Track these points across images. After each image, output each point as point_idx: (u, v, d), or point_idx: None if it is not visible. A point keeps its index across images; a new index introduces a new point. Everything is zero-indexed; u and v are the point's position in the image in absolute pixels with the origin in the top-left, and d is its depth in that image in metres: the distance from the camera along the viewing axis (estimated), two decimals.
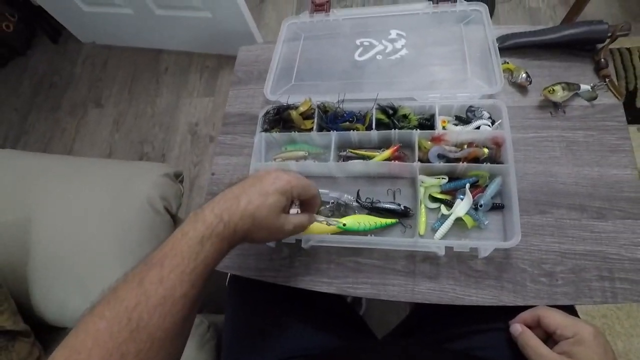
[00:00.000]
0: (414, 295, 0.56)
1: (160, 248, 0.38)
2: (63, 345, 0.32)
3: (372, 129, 0.61)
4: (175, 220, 0.82)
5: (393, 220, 0.58)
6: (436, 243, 0.54)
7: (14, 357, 0.65)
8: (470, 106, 0.62)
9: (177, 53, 1.92)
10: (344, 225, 0.56)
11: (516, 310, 0.52)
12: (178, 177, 0.85)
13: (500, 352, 0.53)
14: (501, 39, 0.68)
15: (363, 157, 0.62)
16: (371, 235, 0.58)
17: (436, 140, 0.60)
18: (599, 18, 0.64)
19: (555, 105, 0.63)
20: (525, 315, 0.50)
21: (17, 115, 1.97)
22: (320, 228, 0.58)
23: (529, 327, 0.49)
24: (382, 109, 0.63)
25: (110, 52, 2.04)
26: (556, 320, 0.46)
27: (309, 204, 0.51)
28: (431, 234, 0.57)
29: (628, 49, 1.45)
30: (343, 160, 0.63)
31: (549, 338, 0.48)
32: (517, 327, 0.49)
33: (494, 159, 0.59)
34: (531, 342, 0.47)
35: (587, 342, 0.41)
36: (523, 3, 1.66)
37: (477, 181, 0.59)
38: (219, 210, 0.41)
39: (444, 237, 0.56)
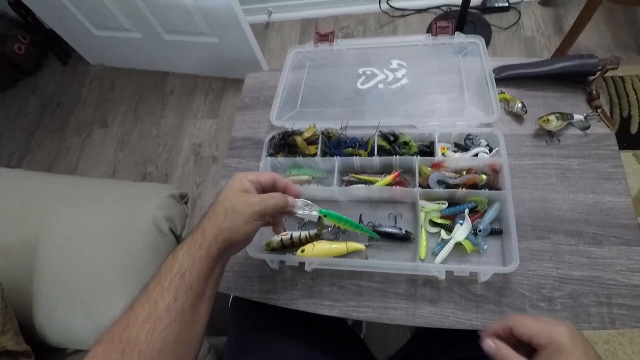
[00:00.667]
0: (415, 319, 0.56)
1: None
2: None
3: (374, 155, 0.64)
4: (178, 241, 0.83)
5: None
6: (437, 267, 0.56)
7: None
8: (469, 134, 0.64)
9: (183, 76, 1.98)
10: (325, 216, 0.54)
11: None
12: (183, 198, 0.87)
13: None
14: (497, 70, 0.71)
15: (365, 182, 0.64)
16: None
17: (436, 166, 0.62)
18: (592, 48, 0.68)
19: (550, 134, 0.65)
20: (495, 327, 0.45)
21: (24, 134, 2.00)
22: (324, 251, 0.60)
23: (504, 339, 0.44)
24: (384, 136, 0.65)
25: (117, 73, 2.10)
26: (529, 328, 0.41)
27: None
28: (432, 258, 0.59)
29: (621, 77, 1.50)
30: (346, 185, 0.65)
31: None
32: (490, 344, 0.43)
33: (492, 185, 0.61)
34: (513, 358, 0.42)
35: (565, 349, 0.38)
36: (518, 32, 1.73)
37: (476, 206, 0.60)
38: (195, 226, 0.44)
39: (444, 261, 0.58)
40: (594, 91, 0.66)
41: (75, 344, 0.75)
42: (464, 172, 0.62)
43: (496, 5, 1.78)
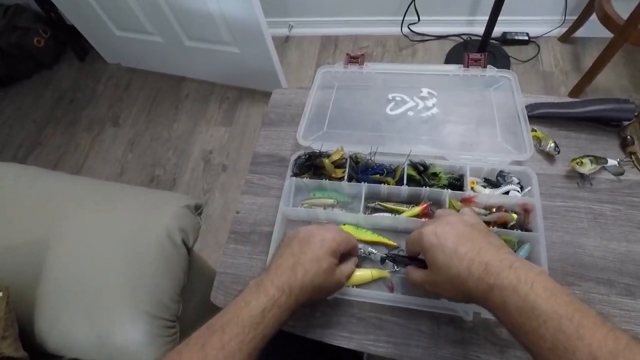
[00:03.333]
0: (436, 359, 0.54)
1: (222, 314, 0.41)
2: None
3: (402, 183, 0.62)
4: (190, 254, 0.81)
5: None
6: (463, 307, 0.53)
7: None
8: (501, 171, 0.63)
9: (200, 82, 1.98)
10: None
11: None
12: (198, 209, 0.85)
13: None
14: (530, 107, 0.71)
15: (392, 211, 0.62)
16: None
17: (466, 201, 0.60)
18: (609, 88, 0.68)
19: (582, 177, 0.64)
20: (405, 250, 0.51)
21: (35, 127, 1.99)
22: (352, 279, 0.58)
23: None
24: (414, 165, 0.64)
25: (134, 74, 2.10)
26: (409, 244, 0.48)
27: (350, 253, 0.54)
28: None
29: None
30: (371, 212, 0.64)
31: None
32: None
33: (522, 225, 0.59)
34: (410, 274, 0.48)
35: (427, 248, 0.42)
36: (537, 66, 1.74)
37: None
38: (279, 282, 0.43)
39: None
40: (629, 137, 0.65)
41: (75, 352, 0.72)
42: (494, 210, 0.61)
43: (516, 37, 1.80)
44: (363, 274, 0.59)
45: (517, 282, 0.36)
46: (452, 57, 1.81)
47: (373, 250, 0.60)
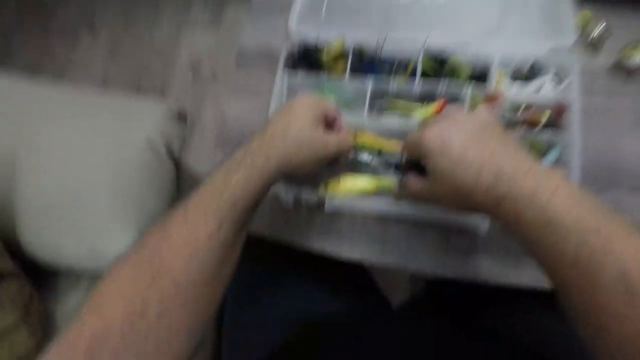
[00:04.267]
0: (445, 269, 0.51)
1: (189, 195, 0.36)
2: (91, 292, 0.31)
3: (415, 78, 0.52)
4: (177, 166, 0.74)
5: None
6: (477, 218, 0.48)
7: (3, 296, 0.60)
8: (536, 60, 0.52)
9: None
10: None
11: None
12: (183, 116, 0.76)
13: (533, 335, 0.50)
14: None
15: (402, 111, 0.54)
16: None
17: (491, 98, 0.51)
18: None
19: (631, 70, 0.54)
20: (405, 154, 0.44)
21: (1, 36, 1.79)
22: (351, 187, 0.52)
23: None
24: (430, 56, 0.53)
25: None
26: (407, 147, 0.40)
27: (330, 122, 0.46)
28: None
29: None
30: (377, 113, 0.55)
31: None
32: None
33: (553, 125, 0.51)
34: (411, 189, 0.39)
35: (429, 153, 0.34)
36: None
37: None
38: (247, 146, 0.38)
39: None
40: None
41: (67, 264, 0.70)
42: (522, 107, 0.52)
43: None
44: (366, 183, 0.53)
45: (535, 190, 0.30)
46: None
47: (367, 158, 0.51)
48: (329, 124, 0.45)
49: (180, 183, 0.75)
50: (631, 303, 0.26)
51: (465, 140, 0.34)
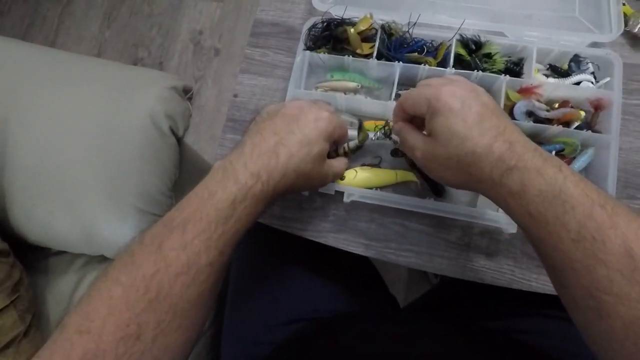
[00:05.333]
0: (465, 272, 0.48)
1: (180, 208, 0.33)
2: (76, 311, 0.29)
3: (447, 65, 0.49)
4: (180, 145, 0.70)
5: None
6: (507, 217, 0.45)
7: None
8: (576, 55, 0.49)
9: None
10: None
11: None
12: (187, 92, 0.71)
13: (547, 340, 0.48)
14: None
15: None
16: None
17: (526, 92, 0.48)
18: None
19: None
20: (395, 111, 0.41)
21: None
22: (368, 179, 0.49)
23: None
24: (464, 42, 0.50)
25: None
26: (411, 100, 0.37)
27: (339, 143, 0.46)
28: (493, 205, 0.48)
29: None
30: None
31: None
32: (397, 127, 0.41)
33: (589, 125, 0.48)
34: (405, 134, 0.39)
35: (443, 111, 0.33)
36: None
37: (563, 149, 0.48)
38: (254, 167, 0.34)
39: None
40: None
41: (60, 244, 0.66)
42: (556, 105, 0.49)
43: None
44: (386, 174, 0.50)
45: (543, 164, 0.30)
46: None
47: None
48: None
49: (182, 164, 0.71)
50: (636, 282, 0.25)
51: (483, 107, 0.33)
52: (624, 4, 0.53)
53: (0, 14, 1.66)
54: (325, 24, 0.52)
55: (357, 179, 0.48)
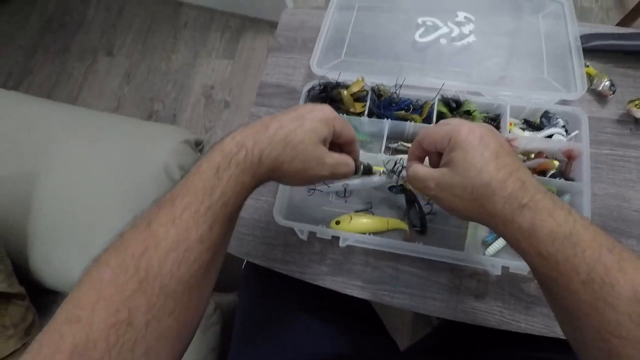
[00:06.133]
0: (457, 313, 0.50)
1: (172, 188, 0.32)
2: (66, 300, 0.27)
3: (430, 122, 0.54)
4: None
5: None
6: (491, 261, 0.48)
7: (7, 322, 0.59)
8: (546, 111, 0.55)
9: (199, 8, 1.80)
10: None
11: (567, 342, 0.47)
12: (198, 145, 0.78)
13: None
14: (585, 39, 0.60)
15: None
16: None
17: None
18: None
19: (637, 122, 0.56)
20: (412, 150, 0.41)
21: (23, 53, 1.85)
22: (362, 225, 0.53)
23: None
24: (445, 101, 0.56)
25: None
26: (432, 137, 0.37)
27: (348, 151, 0.43)
28: (482, 248, 0.52)
29: None
30: (392, 153, 0.57)
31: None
32: (409, 167, 0.40)
33: (563, 173, 0.53)
34: (416, 169, 0.38)
35: (463, 145, 0.34)
36: (575, 1, 1.55)
37: None
38: (240, 137, 0.34)
39: (496, 254, 0.50)
40: None
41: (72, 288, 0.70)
42: (532, 155, 0.54)
43: None
44: (378, 222, 0.54)
45: (554, 205, 0.30)
46: None
47: (378, 179, 0.53)
48: (342, 145, 0.42)
49: None
50: None
51: (499, 146, 0.34)
52: (587, 66, 0.60)
53: (31, 71, 1.82)
54: (322, 86, 0.59)
55: (351, 225, 0.52)
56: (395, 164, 0.51)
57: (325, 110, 0.38)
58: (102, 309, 0.26)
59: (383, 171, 0.51)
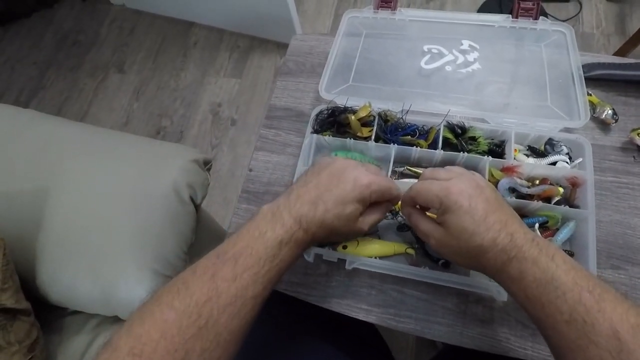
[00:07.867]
0: (463, 339, 0.50)
1: (232, 242, 0.37)
2: (127, 333, 0.31)
3: (436, 147, 0.55)
4: (198, 211, 0.76)
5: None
6: (497, 287, 0.49)
7: (12, 338, 0.60)
8: (550, 139, 0.56)
9: (209, 28, 1.85)
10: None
11: None
12: (207, 164, 0.79)
13: None
14: (587, 68, 0.62)
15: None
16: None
17: (508, 171, 0.54)
18: None
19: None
20: (406, 199, 0.45)
21: (36, 70, 1.90)
22: (369, 249, 0.53)
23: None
24: (450, 127, 0.57)
25: (139, 17, 1.97)
26: (424, 196, 0.40)
27: (386, 202, 0.47)
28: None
29: None
30: (398, 178, 0.58)
31: None
32: (406, 211, 0.46)
33: (568, 200, 0.53)
34: (417, 221, 0.43)
35: (454, 209, 0.37)
36: (576, 27, 1.59)
37: (547, 222, 0.53)
38: (296, 214, 0.39)
39: None
40: None
41: (79, 305, 0.70)
42: (537, 182, 0.54)
43: None
44: (385, 247, 0.54)
45: (539, 254, 0.34)
46: (486, 10, 1.65)
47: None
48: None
49: (198, 229, 0.76)
50: None
51: (487, 204, 0.37)
52: (589, 94, 0.61)
53: (43, 87, 1.86)
54: (330, 111, 0.60)
55: (358, 248, 0.53)
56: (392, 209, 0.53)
57: (364, 185, 0.41)
58: (163, 348, 0.29)
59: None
